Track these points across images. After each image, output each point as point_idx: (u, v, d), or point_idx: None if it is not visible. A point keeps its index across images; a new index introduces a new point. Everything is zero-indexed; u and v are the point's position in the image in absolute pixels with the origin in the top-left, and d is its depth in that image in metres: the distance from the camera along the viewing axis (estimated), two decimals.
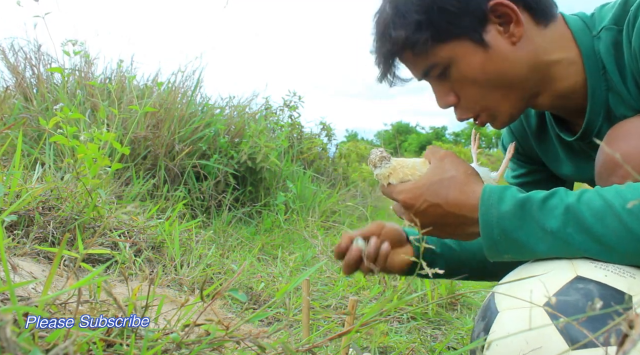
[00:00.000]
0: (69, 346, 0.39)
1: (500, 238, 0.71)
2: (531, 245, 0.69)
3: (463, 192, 0.76)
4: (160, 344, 0.55)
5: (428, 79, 0.90)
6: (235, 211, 2.92)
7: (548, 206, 0.68)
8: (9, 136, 1.92)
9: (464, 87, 0.86)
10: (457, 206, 0.76)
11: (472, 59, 0.83)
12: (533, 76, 0.85)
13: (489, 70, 0.83)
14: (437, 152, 0.83)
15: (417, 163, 0.83)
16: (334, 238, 2.55)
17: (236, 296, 0.60)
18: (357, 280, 1.74)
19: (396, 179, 0.82)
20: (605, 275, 0.65)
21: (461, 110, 0.90)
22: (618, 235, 0.63)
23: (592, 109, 0.87)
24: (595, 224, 0.64)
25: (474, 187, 0.76)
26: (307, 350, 0.60)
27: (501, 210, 0.71)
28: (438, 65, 0.85)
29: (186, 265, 1.53)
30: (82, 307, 0.62)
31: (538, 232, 0.68)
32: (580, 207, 0.66)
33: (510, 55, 0.83)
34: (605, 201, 0.64)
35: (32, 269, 1.07)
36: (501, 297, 0.72)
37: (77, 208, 1.41)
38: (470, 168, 0.80)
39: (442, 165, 0.79)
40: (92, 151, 1.42)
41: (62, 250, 0.50)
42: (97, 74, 3.08)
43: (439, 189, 0.77)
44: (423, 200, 0.78)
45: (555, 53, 0.85)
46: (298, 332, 1.21)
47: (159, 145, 2.76)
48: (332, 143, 4.96)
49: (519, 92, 0.86)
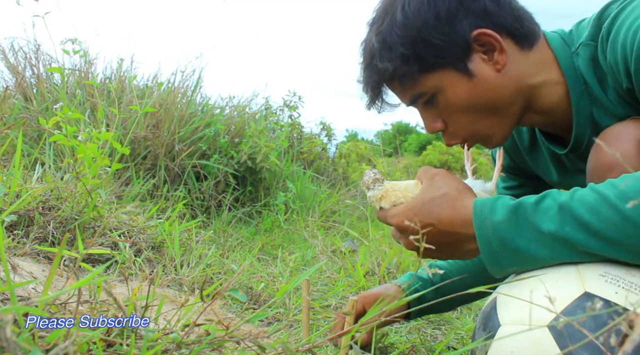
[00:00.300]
0: (69, 346, 0.39)
1: (499, 249, 0.68)
2: (532, 252, 0.66)
3: (455, 209, 0.74)
4: (160, 344, 0.55)
5: (416, 106, 0.91)
6: (235, 211, 2.92)
7: (541, 208, 0.66)
8: (9, 136, 1.92)
9: (451, 114, 0.88)
10: (451, 224, 0.73)
11: (457, 87, 0.84)
12: (518, 100, 0.87)
13: (475, 97, 0.85)
14: (428, 171, 0.81)
15: (410, 185, 0.81)
16: (334, 238, 2.55)
17: (236, 296, 0.60)
18: (357, 280, 1.74)
19: (388, 203, 0.81)
20: (616, 292, 0.60)
21: (449, 136, 0.91)
22: (617, 226, 0.60)
23: (578, 124, 0.90)
24: (592, 219, 0.62)
25: (466, 202, 0.74)
26: (307, 350, 0.60)
27: (495, 221, 0.68)
28: (425, 94, 0.87)
29: (186, 265, 1.53)
30: (82, 307, 0.62)
31: (536, 237, 0.65)
32: (574, 204, 0.64)
33: (495, 82, 0.85)
34: (599, 194, 0.62)
35: (32, 269, 1.07)
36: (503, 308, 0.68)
37: (77, 208, 1.41)
38: (462, 184, 0.78)
39: (433, 184, 0.77)
40: (92, 151, 1.42)
41: (62, 250, 0.50)
42: (97, 74, 3.08)
43: (431, 209, 0.75)
44: (416, 222, 0.75)
45: (539, 75, 0.88)
46: (298, 332, 1.21)
47: (159, 145, 2.76)
48: (332, 143, 4.96)
49: (506, 115, 0.88)
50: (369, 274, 1.85)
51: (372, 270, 1.87)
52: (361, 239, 2.48)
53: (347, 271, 1.87)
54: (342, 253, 2.19)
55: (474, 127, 0.88)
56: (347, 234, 2.75)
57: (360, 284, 1.69)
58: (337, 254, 2.19)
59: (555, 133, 0.98)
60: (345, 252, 2.18)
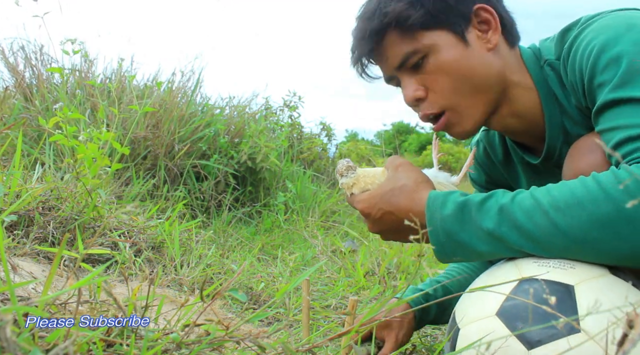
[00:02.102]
0: (69, 346, 0.39)
1: (445, 240, 0.74)
2: (473, 246, 0.73)
3: (412, 200, 0.79)
4: (160, 344, 0.55)
5: (400, 72, 0.91)
6: (235, 211, 2.92)
7: (485, 208, 0.72)
8: (9, 136, 1.92)
9: (438, 78, 0.88)
10: (407, 213, 0.79)
11: (452, 51, 0.87)
12: (497, 87, 0.90)
13: (464, 66, 0.87)
14: (394, 161, 0.86)
15: (378, 173, 0.87)
16: (334, 238, 2.55)
17: (236, 296, 0.60)
18: (357, 280, 1.74)
19: (358, 189, 0.86)
20: (548, 271, 0.68)
21: (428, 105, 0.91)
22: (545, 231, 0.67)
23: (550, 134, 0.92)
24: (526, 222, 0.68)
25: (422, 194, 0.79)
26: (307, 350, 0.60)
27: (444, 214, 0.74)
28: (418, 52, 0.87)
29: (186, 265, 1.53)
30: (82, 307, 0.62)
31: (478, 233, 0.72)
32: (513, 206, 0.70)
33: (484, 59, 0.88)
34: (535, 200, 0.68)
35: (32, 269, 1.07)
36: (460, 313, 0.75)
37: (77, 208, 1.41)
38: (422, 176, 0.84)
39: (396, 174, 0.83)
40: (92, 151, 1.42)
41: (62, 250, 0.50)
42: (97, 74, 3.08)
43: (391, 198, 0.81)
44: (378, 209, 0.82)
45: (516, 75, 0.91)
46: (298, 332, 1.21)
47: (159, 145, 2.76)
48: (332, 143, 4.96)
49: (484, 98, 0.90)
50: (369, 274, 1.85)
51: (372, 270, 1.87)
52: (361, 239, 2.48)
53: (347, 271, 1.87)
54: (342, 253, 2.19)
55: (452, 97, 0.89)
56: (347, 234, 2.75)
57: (360, 284, 1.69)
58: (337, 254, 2.19)
59: (527, 144, 1.00)
60: (345, 252, 2.18)
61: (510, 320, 0.64)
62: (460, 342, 0.71)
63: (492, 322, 0.65)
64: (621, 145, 0.71)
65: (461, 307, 0.76)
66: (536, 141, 0.96)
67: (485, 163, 1.14)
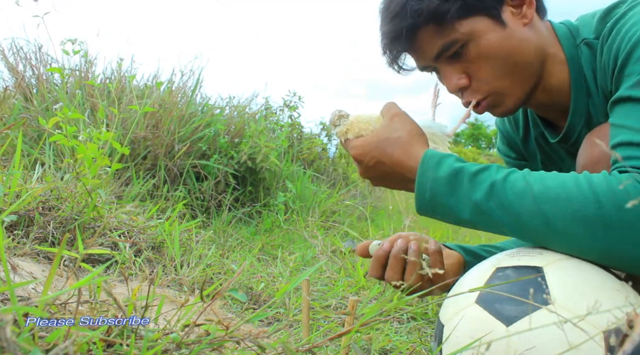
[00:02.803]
0: (69, 346, 0.39)
1: (430, 199, 0.77)
2: (457, 212, 0.75)
3: (405, 152, 0.81)
4: (160, 344, 0.55)
5: (438, 62, 0.89)
6: (235, 211, 2.92)
7: (477, 179, 0.74)
8: (9, 136, 1.91)
9: (479, 66, 0.87)
10: (400, 165, 0.81)
11: (491, 35, 0.85)
12: (537, 63, 0.88)
13: (506, 48, 0.85)
14: (390, 110, 0.86)
15: (373, 118, 0.86)
16: (334, 238, 2.55)
17: (236, 296, 0.60)
18: (357, 280, 1.74)
19: (352, 134, 0.86)
20: (519, 260, 0.74)
21: (471, 92, 0.90)
22: (531, 215, 0.70)
23: (574, 112, 0.91)
24: (514, 203, 0.71)
25: (417, 149, 0.81)
26: (307, 350, 0.60)
27: (437, 175, 0.76)
28: (457, 42, 0.85)
29: (186, 265, 1.53)
30: (82, 307, 0.62)
31: (465, 201, 0.74)
32: (505, 185, 0.72)
33: (522, 36, 0.86)
34: (527, 184, 0.71)
35: (32, 269, 1.07)
36: (443, 311, 0.78)
37: (77, 208, 1.41)
38: (417, 129, 0.84)
39: (392, 124, 0.84)
40: (92, 151, 1.42)
41: (62, 250, 0.50)
42: (97, 74, 3.08)
43: (385, 148, 0.82)
44: (371, 157, 0.83)
45: (551, 47, 0.89)
46: (298, 332, 1.21)
47: (159, 145, 2.76)
48: (332, 143, 4.96)
49: (526, 76, 0.88)
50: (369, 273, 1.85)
51: None
52: (361, 239, 2.48)
53: (347, 271, 1.87)
54: (342, 253, 2.19)
55: (496, 82, 0.88)
56: (347, 234, 2.75)
57: (360, 284, 1.69)
58: (337, 254, 2.19)
59: (550, 119, 0.99)
60: (345, 252, 2.18)
61: (488, 304, 0.68)
62: (446, 335, 0.72)
63: (472, 309, 0.69)
64: (622, 146, 0.71)
65: (443, 309, 0.78)
66: (559, 118, 0.95)
67: (510, 136, 1.13)
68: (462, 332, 0.68)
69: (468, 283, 0.77)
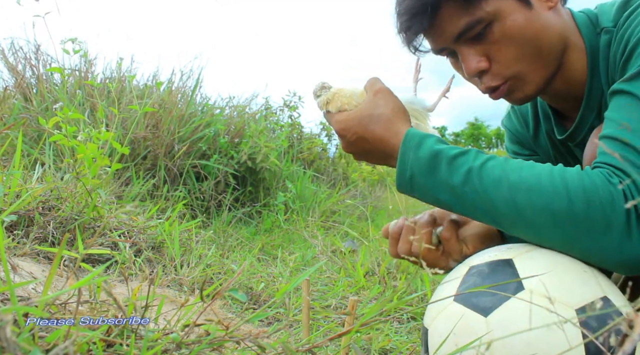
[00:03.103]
0: (69, 346, 0.39)
1: (409, 178, 0.78)
2: (434, 193, 0.77)
3: (387, 130, 0.81)
4: (160, 344, 0.55)
5: (458, 44, 0.86)
6: (235, 211, 2.92)
7: (455, 163, 0.75)
8: (9, 136, 1.92)
9: (502, 48, 0.84)
10: (381, 142, 0.82)
11: (517, 16, 0.82)
12: (559, 49, 0.86)
13: (530, 30, 0.82)
14: (374, 86, 0.86)
15: (355, 93, 0.87)
16: (334, 238, 2.55)
17: (236, 296, 0.60)
18: (357, 280, 1.74)
19: (334, 107, 0.87)
20: (490, 256, 0.76)
21: (491, 76, 0.86)
22: (503, 203, 0.71)
23: (587, 105, 0.89)
24: (489, 189, 0.72)
25: (399, 127, 0.81)
26: (307, 350, 0.60)
27: (417, 155, 0.77)
28: (482, 21, 0.82)
29: (186, 265, 1.53)
30: (82, 307, 0.62)
31: (441, 183, 0.75)
32: (482, 172, 0.73)
33: (547, 19, 0.84)
34: (503, 172, 0.72)
35: (32, 269, 1.07)
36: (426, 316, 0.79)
37: (77, 208, 1.41)
38: (400, 106, 0.84)
39: (375, 100, 0.84)
40: (92, 151, 1.42)
41: (62, 250, 0.50)
42: (97, 74, 3.08)
43: (368, 124, 0.82)
44: (353, 133, 0.84)
45: (572, 35, 0.87)
46: (298, 332, 1.21)
47: (159, 145, 2.76)
48: (332, 143, 4.97)
49: (548, 62, 0.86)
50: (369, 274, 1.85)
51: (372, 270, 1.87)
52: (361, 239, 2.48)
53: (347, 271, 1.87)
54: (342, 253, 2.19)
55: (517, 66, 0.85)
56: (347, 234, 2.75)
57: (360, 284, 1.69)
58: (337, 254, 2.19)
59: (563, 112, 0.97)
60: (345, 252, 2.18)
61: (465, 300, 0.70)
62: (430, 339, 0.74)
63: (452, 308, 0.71)
64: (605, 139, 0.72)
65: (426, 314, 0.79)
66: (572, 109, 0.93)
67: (519, 132, 1.11)
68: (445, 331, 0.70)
69: (446, 286, 0.78)
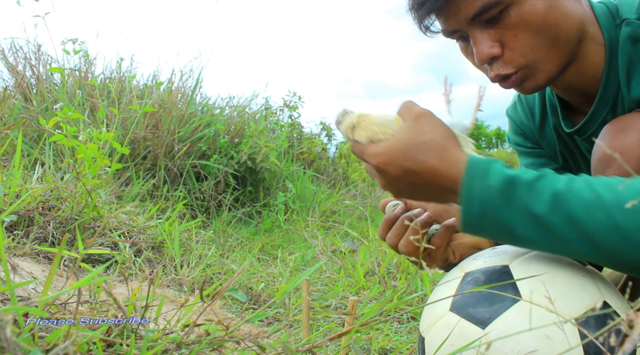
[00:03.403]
0: (69, 346, 0.39)
1: (479, 213, 0.66)
2: (513, 227, 0.65)
3: (442, 160, 0.69)
4: (160, 344, 0.55)
5: (471, 26, 0.82)
6: (235, 211, 2.92)
7: (536, 189, 0.64)
8: (9, 136, 1.92)
9: (518, 34, 0.80)
10: (436, 175, 0.69)
11: (536, 1, 0.78)
12: (576, 39, 0.82)
13: (550, 18, 0.78)
14: (412, 109, 0.72)
15: (389, 120, 0.73)
16: (334, 238, 2.55)
17: (236, 296, 0.60)
18: (357, 280, 1.74)
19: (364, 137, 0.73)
20: (484, 261, 0.73)
21: (502, 64, 0.83)
22: (605, 231, 0.60)
23: (601, 99, 0.85)
24: (585, 217, 0.61)
25: (455, 155, 0.69)
26: (307, 350, 0.60)
27: (487, 185, 0.65)
28: (500, 4, 0.78)
29: (186, 265, 1.53)
30: (82, 307, 0.62)
31: (522, 214, 0.64)
32: (570, 196, 0.62)
33: (567, 8, 0.80)
34: (595, 194, 0.61)
35: (32, 269, 1.07)
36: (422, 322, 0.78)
37: (77, 208, 1.41)
38: (449, 130, 0.72)
39: (419, 125, 0.70)
40: (92, 151, 1.42)
41: (62, 250, 0.50)
42: (97, 74, 3.08)
43: (416, 155, 0.69)
44: (397, 166, 0.70)
45: (591, 26, 0.84)
46: (298, 332, 1.21)
47: (159, 145, 2.76)
48: (332, 143, 4.97)
49: (563, 52, 0.82)
50: (369, 274, 1.85)
51: (372, 270, 1.87)
52: (361, 239, 2.48)
53: (347, 271, 1.87)
54: (342, 253, 2.19)
55: (532, 54, 0.81)
56: (347, 234, 2.75)
57: (360, 284, 1.69)
58: (337, 254, 2.19)
59: (574, 104, 0.94)
60: (345, 252, 2.18)
61: (461, 310, 0.68)
62: (427, 347, 0.72)
63: (447, 318, 0.69)
64: None
65: (421, 320, 0.78)
66: (584, 103, 0.89)
67: (524, 125, 1.07)
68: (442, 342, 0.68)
69: (440, 291, 0.76)
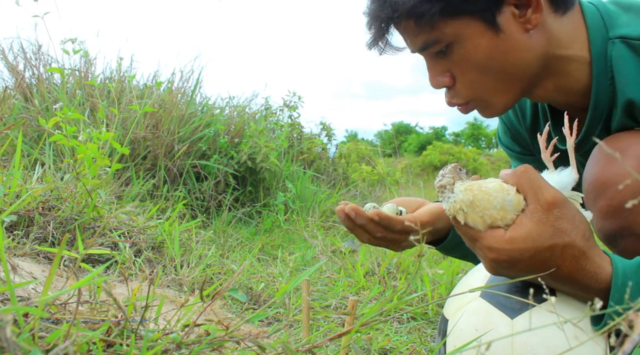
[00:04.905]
0: (69, 346, 0.39)
1: None
2: None
3: (582, 270, 0.60)
4: (160, 344, 0.55)
5: (424, 54, 0.82)
6: (235, 211, 2.92)
7: None
8: (9, 136, 1.91)
9: (463, 70, 0.78)
10: (570, 281, 0.61)
11: (480, 41, 0.75)
12: (538, 67, 0.79)
13: (496, 56, 0.76)
14: (539, 191, 0.60)
15: (508, 201, 0.61)
16: (333, 238, 2.55)
17: (236, 296, 0.60)
18: (357, 280, 1.74)
19: (480, 224, 0.62)
20: None
21: (453, 94, 0.82)
22: None
23: (593, 116, 0.81)
24: None
25: (599, 265, 0.60)
26: (307, 350, 0.60)
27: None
28: (440, 42, 0.76)
29: (186, 265, 1.53)
30: (82, 307, 0.62)
31: None
32: None
33: (521, 44, 0.76)
34: None
35: (32, 269, 1.07)
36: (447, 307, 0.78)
37: (77, 208, 1.41)
38: (589, 227, 0.62)
39: (553, 222, 0.59)
40: (92, 151, 1.42)
41: (62, 250, 0.50)
42: (97, 74, 3.08)
43: (549, 260, 0.59)
44: (523, 266, 0.61)
45: (568, 48, 0.79)
46: (298, 332, 1.21)
47: (159, 146, 2.76)
48: (332, 143, 4.97)
49: (520, 83, 0.79)
50: (369, 274, 1.85)
51: (372, 270, 1.87)
52: None
53: (347, 271, 1.87)
54: (342, 253, 2.19)
55: (482, 89, 0.79)
56: (347, 234, 2.75)
57: (360, 284, 1.69)
58: (337, 254, 2.19)
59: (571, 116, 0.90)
60: (345, 252, 2.18)
61: (492, 297, 0.69)
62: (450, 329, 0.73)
63: (476, 303, 0.70)
64: None
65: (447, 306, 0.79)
66: (577, 113, 0.84)
67: (513, 126, 1.04)
68: (467, 325, 0.69)
69: (469, 283, 0.77)
